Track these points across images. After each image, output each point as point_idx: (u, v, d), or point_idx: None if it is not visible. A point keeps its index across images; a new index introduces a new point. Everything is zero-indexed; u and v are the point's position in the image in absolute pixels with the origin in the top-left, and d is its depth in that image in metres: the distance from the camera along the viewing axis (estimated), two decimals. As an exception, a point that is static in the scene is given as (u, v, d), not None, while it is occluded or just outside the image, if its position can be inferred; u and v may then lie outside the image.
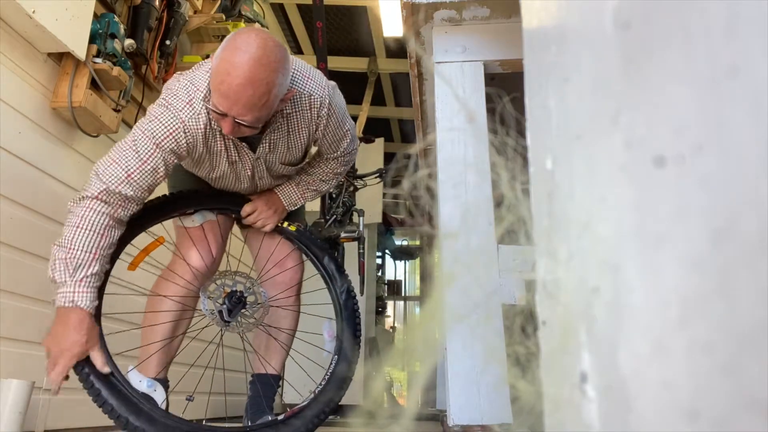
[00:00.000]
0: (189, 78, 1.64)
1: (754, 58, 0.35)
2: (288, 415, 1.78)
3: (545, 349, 0.48)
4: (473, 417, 1.11)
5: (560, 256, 0.45)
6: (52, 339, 1.46)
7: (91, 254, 1.47)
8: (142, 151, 1.54)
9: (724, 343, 0.33)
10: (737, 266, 0.33)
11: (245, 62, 1.44)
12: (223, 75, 1.45)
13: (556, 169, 0.48)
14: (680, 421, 0.33)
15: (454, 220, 1.21)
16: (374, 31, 4.82)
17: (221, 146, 1.70)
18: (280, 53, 1.51)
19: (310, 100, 1.71)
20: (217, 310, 1.84)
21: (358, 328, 1.97)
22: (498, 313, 1.10)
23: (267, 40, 1.50)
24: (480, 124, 1.23)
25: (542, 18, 0.54)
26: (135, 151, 1.54)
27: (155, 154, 1.55)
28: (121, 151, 1.54)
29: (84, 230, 1.47)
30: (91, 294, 1.48)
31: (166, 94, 1.63)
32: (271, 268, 1.98)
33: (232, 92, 1.45)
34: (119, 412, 1.51)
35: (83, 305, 1.45)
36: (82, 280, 1.46)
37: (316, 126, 1.76)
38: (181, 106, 1.58)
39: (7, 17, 1.97)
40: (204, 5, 3.20)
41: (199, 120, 1.60)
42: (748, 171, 0.34)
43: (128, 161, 1.53)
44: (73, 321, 1.44)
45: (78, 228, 1.47)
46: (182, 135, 1.58)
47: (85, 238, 1.47)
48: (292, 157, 1.84)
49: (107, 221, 1.51)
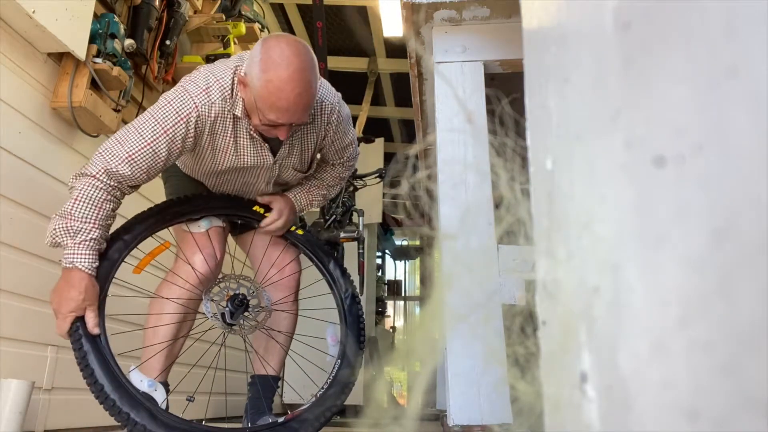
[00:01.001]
0: (210, 69, 1.69)
1: (754, 58, 0.35)
2: (288, 418, 1.78)
3: (545, 349, 0.48)
4: (473, 417, 1.11)
5: (560, 256, 0.45)
6: (55, 294, 1.56)
7: (89, 223, 1.55)
8: (147, 132, 1.58)
9: (724, 343, 0.33)
10: (737, 266, 0.33)
11: (294, 74, 1.53)
12: (278, 93, 1.54)
13: (556, 169, 0.48)
14: (680, 421, 0.33)
15: (453, 220, 1.21)
16: (374, 31, 4.82)
17: (231, 144, 1.72)
18: (309, 51, 1.61)
19: (322, 105, 1.79)
20: (219, 313, 1.84)
21: (362, 334, 1.97)
22: (498, 314, 1.09)
23: (297, 44, 1.60)
24: (480, 125, 1.23)
25: (542, 18, 0.54)
26: (139, 133, 1.59)
27: (160, 137, 1.59)
28: (127, 132, 1.60)
29: (82, 202, 1.54)
30: (91, 257, 1.56)
31: (184, 80, 1.67)
32: (276, 273, 1.98)
33: (291, 104, 1.55)
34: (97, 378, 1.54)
35: (82, 267, 1.54)
36: (81, 243, 1.54)
37: (325, 132, 1.83)
38: (197, 91, 1.62)
39: (7, 17, 1.96)
40: (204, 5, 3.20)
41: (212, 109, 1.63)
42: (748, 171, 0.34)
43: (131, 141, 1.58)
44: (73, 280, 1.54)
45: (76, 200, 1.54)
46: (193, 119, 1.62)
47: (83, 209, 1.54)
48: (302, 164, 1.90)
49: (104, 195, 1.57)
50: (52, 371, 2.14)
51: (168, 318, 1.80)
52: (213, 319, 1.85)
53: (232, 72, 1.67)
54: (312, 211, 3.16)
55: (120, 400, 1.52)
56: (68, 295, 1.54)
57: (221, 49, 3.18)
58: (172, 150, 1.62)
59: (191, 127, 1.62)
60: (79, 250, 1.54)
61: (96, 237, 1.56)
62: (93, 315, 1.57)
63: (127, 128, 1.61)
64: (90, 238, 1.55)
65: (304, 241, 2.01)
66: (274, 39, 1.61)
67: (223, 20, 3.14)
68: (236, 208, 1.95)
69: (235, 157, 1.76)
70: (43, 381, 2.12)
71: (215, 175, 1.86)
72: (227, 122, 1.67)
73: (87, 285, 1.55)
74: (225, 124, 1.67)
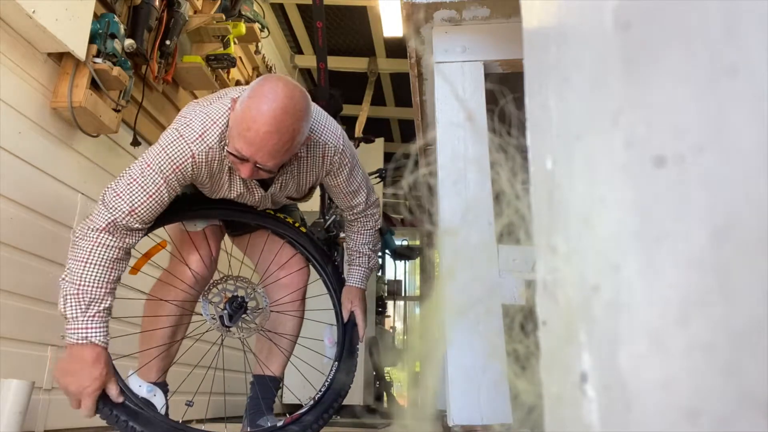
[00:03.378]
0: (206, 111, 1.63)
1: (754, 58, 0.35)
2: (287, 422, 1.78)
3: (545, 348, 0.48)
4: (473, 417, 1.11)
5: (560, 255, 0.45)
6: (71, 377, 1.47)
7: (102, 289, 1.48)
8: (149, 184, 1.55)
9: (724, 343, 0.33)
10: (737, 266, 0.33)
11: (272, 111, 1.46)
12: (249, 122, 1.46)
13: (556, 169, 0.48)
14: (680, 421, 0.33)
15: (454, 216, 1.21)
16: (374, 31, 4.82)
17: (226, 179, 1.72)
18: (305, 102, 1.54)
19: (324, 149, 1.75)
20: (218, 315, 1.84)
21: (357, 336, 1.97)
22: (498, 312, 1.10)
23: (294, 89, 1.52)
24: (480, 124, 1.23)
25: (542, 18, 0.54)
26: (141, 185, 1.54)
27: (161, 187, 1.56)
28: (128, 184, 1.55)
29: (93, 265, 1.48)
30: (105, 328, 1.49)
31: (180, 123, 1.62)
32: (276, 270, 1.98)
33: (258, 139, 1.46)
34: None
35: (98, 341, 1.46)
36: (95, 315, 1.47)
37: (327, 171, 1.81)
38: (193, 138, 1.58)
39: (7, 17, 1.96)
40: (204, 5, 3.20)
41: (208, 155, 1.60)
42: (748, 171, 0.34)
43: (133, 195, 1.54)
44: (90, 357, 1.45)
45: (87, 263, 1.48)
46: (189, 167, 1.58)
47: (95, 272, 1.48)
48: (298, 194, 1.89)
49: (116, 254, 1.52)
50: (52, 371, 2.14)
51: (165, 319, 1.80)
52: (211, 322, 1.85)
53: (228, 110, 1.61)
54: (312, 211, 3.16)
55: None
56: (89, 374, 1.45)
57: (221, 49, 3.18)
58: (172, 194, 1.60)
59: (188, 173, 1.59)
60: (92, 323, 1.46)
61: (108, 306, 1.49)
62: (114, 385, 1.51)
63: (128, 178, 1.56)
64: (103, 309, 1.48)
65: (303, 240, 2.01)
66: (276, 77, 1.57)
67: (223, 20, 3.14)
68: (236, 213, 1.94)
69: (229, 191, 1.76)
70: (43, 381, 2.12)
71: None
72: (224, 161, 1.64)
73: (105, 360, 1.48)
74: (222, 163, 1.65)
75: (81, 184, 2.41)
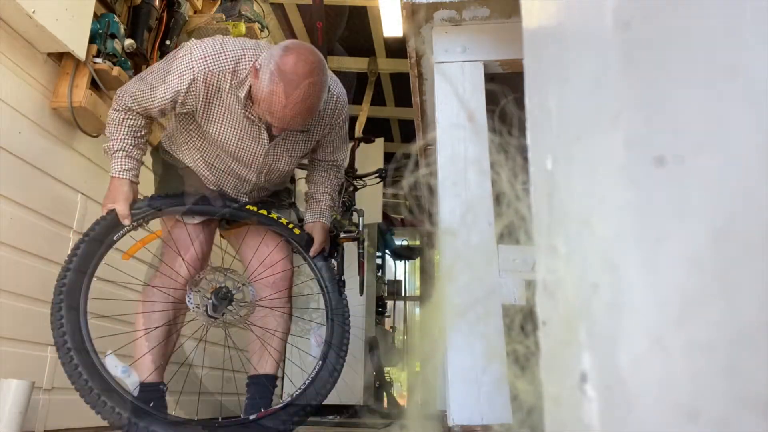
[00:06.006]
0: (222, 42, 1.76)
1: (754, 58, 0.35)
2: (260, 416, 1.78)
3: (545, 348, 0.48)
4: (473, 417, 1.11)
5: (560, 255, 0.45)
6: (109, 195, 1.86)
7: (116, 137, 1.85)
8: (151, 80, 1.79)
9: (723, 343, 0.33)
10: (737, 266, 0.33)
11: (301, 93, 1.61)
12: (279, 105, 1.62)
13: (556, 169, 0.48)
14: (680, 421, 0.33)
15: (454, 217, 1.21)
16: (374, 31, 4.82)
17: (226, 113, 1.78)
18: (323, 66, 1.68)
19: (336, 102, 1.88)
20: (203, 305, 1.84)
21: (347, 336, 1.97)
22: (498, 312, 1.09)
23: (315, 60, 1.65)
24: (480, 124, 1.23)
25: (542, 18, 0.54)
26: (143, 80, 1.82)
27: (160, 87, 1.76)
28: (137, 81, 1.84)
29: (109, 125, 1.87)
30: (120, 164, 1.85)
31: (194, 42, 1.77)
32: (265, 270, 1.99)
33: (288, 118, 1.65)
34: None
35: (114, 173, 1.85)
36: (114, 154, 1.85)
37: (331, 128, 1.92)
38: (199, 57, 1.71)
39: (7, 17, 1.96)
40: (204, 5, 3.20)
41: (207, 77, 1.71)
42: (747, 171, 0.34)
43: (136, 87, 1.82)
44: (112, 184, 1.85)
45: (108, 125, 1.87)
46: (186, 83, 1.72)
47: (111, 129, 1.86)
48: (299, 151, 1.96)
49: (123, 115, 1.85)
50: (52, 371, 2.14)
51: (159, 314, 1.82)
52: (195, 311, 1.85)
53: (244, 54, 1.73)
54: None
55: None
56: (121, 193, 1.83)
57: (221, 49, 3.17)
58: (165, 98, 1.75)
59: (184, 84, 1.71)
60: (114, 160, 1.85)
61: (123, 147, 1.84)
62: (122, 206, 1.83)
63: (139, 75, 1.87)
64: (119, 148, 1.84)
65: (299, 241, 2.01)
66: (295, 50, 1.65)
67: (223, 20, 3.14)
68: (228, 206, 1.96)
69: (230, 131, 1.81)
70: (43, 381, 2.12)
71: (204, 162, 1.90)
72: (225, 96, 1.74)
73: (116, 185, 1.84)
74: (221, 96, 1.74)
75: (81, 184, 2.41)
